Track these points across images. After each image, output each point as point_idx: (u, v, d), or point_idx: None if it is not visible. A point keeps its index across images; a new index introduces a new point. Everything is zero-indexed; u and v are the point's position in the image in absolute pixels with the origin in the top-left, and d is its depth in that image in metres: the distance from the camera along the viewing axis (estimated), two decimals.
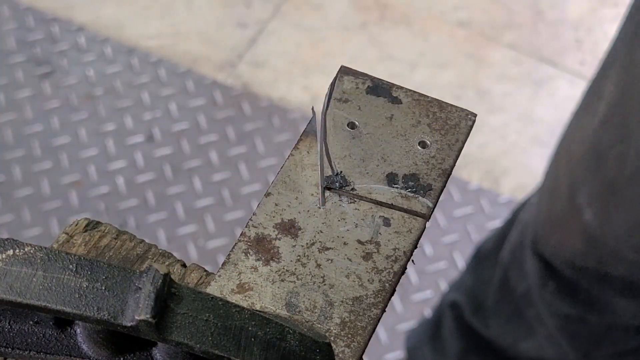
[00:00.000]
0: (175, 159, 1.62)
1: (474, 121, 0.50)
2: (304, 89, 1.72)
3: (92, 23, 1.79)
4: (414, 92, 0.51)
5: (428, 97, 0.51)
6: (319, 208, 0.47)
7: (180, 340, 0.34)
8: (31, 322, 0.39)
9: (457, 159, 0.50)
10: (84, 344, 0.39)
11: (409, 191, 0.47)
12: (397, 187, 0.47)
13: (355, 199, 0.47)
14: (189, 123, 1.67)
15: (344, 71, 0.51)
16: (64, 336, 0.39)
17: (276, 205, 0.47)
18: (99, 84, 1.71)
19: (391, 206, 0.47)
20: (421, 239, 0.47)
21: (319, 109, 0.50)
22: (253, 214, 0.46)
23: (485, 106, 1.72)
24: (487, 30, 1.83)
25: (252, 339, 0.36)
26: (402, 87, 0.50)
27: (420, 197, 0.47)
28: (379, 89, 0.50)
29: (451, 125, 0.50)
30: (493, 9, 1.86)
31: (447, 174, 0.49)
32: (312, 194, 0.47)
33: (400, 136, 0.49)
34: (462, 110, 0.51)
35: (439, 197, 0.48)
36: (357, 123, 0.49)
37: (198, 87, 1.72)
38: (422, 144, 0.49)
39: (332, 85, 0.51)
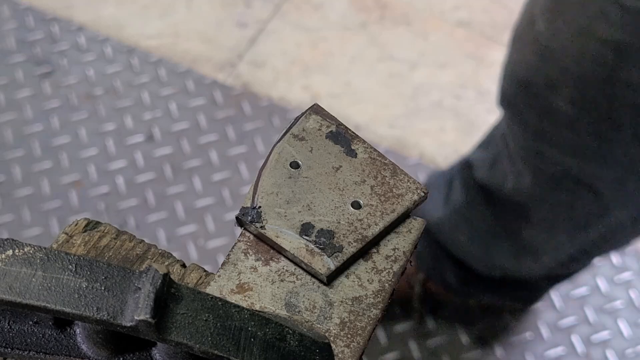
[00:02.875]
0: (175, 158, 1.62)
1: (422, 197, 0.46)
2: (304, 89, 1.72)
3: (92, 23, 1.79)
4: (374, 150, 0.47)
5: (386, 159, 0.47)
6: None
7: (179, 341, 0.34)
8: (31, 322, 0.39)
9: (386, 228, 0.45)
10: (84, 344, 0.39)
11: (316, 246, 0.44)
12: (306, 239, 0.44)
13: None
14: (189, 123, 1.67)
15: (315, 110, 0.48)
16: (64, 336, 0.39)
17: None
18: (99, 83, 1.71)
19: (292, 257, 0.44)
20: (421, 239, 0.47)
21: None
22: None
23: (485, 106, 1.72)
24: (487, 30, 1.83)
25: (252, 339, 0.36)
26: (364, 142, 0.47)
27: (324, 256, 0.44)
28: (340, 137, 0.47)
29: (396, 194, 0.46)
30: (493, 9, 1.86)
31: (366, 242, 0.44)
32: None
33: (338, 190, 0.46)
34: (415, 182, 0.47)
35: (346, 263, 0.44)
36: (300, 164, 0.47)
37: (198, 87, 1.72)
38: (355, 205, 0.45)
39: (296, 119, 0.48)
